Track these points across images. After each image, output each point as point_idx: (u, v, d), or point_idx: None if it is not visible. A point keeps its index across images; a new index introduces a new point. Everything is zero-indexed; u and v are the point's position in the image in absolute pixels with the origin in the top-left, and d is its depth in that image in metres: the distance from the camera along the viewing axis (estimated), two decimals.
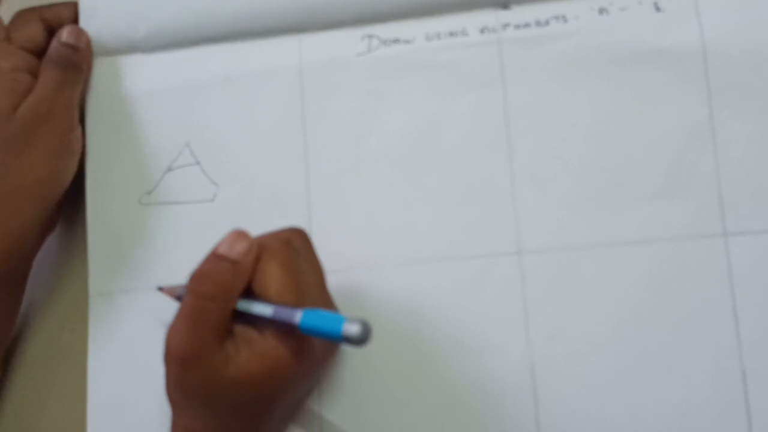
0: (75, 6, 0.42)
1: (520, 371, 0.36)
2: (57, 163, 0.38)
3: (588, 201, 0.36)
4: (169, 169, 0.40)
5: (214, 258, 0.32)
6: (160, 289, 0.37)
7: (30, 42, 0.40)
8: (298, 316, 0.30)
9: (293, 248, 0.33)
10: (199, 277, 0.32)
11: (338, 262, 0.37)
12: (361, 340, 0.28)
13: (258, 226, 0.34)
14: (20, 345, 0.42)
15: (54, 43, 0.39)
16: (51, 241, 0.42)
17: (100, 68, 0.41)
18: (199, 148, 0.40)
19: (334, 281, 0.36)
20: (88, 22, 0.41)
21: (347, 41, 0.40)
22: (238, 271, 0.32)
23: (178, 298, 0.36)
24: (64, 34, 0.39)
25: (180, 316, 0.32)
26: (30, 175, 0.38)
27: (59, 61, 0.39)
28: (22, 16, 0.41)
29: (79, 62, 0.39)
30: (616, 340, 0.35)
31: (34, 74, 0.39)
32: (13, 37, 0.40)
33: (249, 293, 0.32)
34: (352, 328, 0.28)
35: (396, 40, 0.39)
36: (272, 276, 0.32)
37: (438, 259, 0.37)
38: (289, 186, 0.39)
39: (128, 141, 0.41)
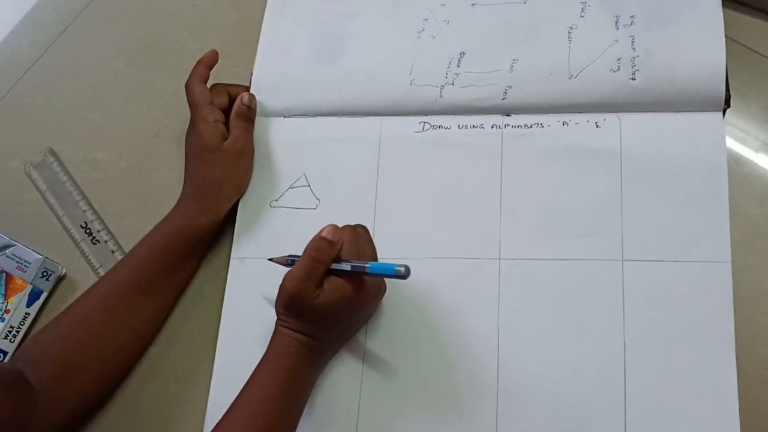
0: (247, 88, 0.68)
1: (490, 331, 0.58)
2: (248, 175, 0.65)
3: (545, 232, 0.60)
4: (291, 187, 0.65)
5: (321, 239, 0.54)
6: (271, 259, 0.61)
7: (221, 105, 0.66)
8: (368, 266, 0.53)
9: (357, 233, 0.57)
10: (314, 248, 0.54)
11: (387, 252, 0.60)
12: (405, 275, 0.51)
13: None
14: None
15: (238, 102, 0.65)
16: None
17: (259, 124, 0.67)
18: (311, 176, 0.65)
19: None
20: (255, 93, 0.68)
21: (410, 124, 0.65)
22: (334, 247, 0.54)
23: (287, 264, 0.59)
24: (245, 98, 0.65)
25: (298, 269, 0.53)
26: (236, 182, 0.64)
27: (243, 116, 0.65)
28: (217, 87, 0.67)
29: (253, 117, 0.66)
30: (551, 316, 0.57)
31: (225, 124, 0.64)
32: (212, 101, 0.66)
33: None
34: (401, 269, 0.51)
35: (440, 126, 0.64)
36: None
37: (450, 257, 0.60)
38: (363, 205, 0.63)
39: (268, 168, 0.66)
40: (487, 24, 0.66)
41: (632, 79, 0.61)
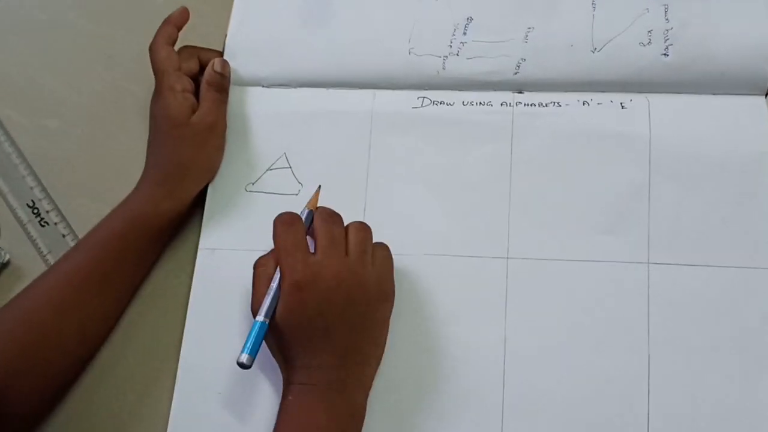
0: (220, 53, 0.60)
1: (495, 341, 0.51)
2: (219, 155, 0.56)
3: (558, 228, 0.53)
4: (270, 169, 0.57)
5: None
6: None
7: (190, 71, 0.57)
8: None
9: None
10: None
11: None
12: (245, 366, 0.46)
13: None
14: None
15: (209, 70, 0.56)
16: None
17: (233, 94, 0.59)
18: (292, 157, 0.57)
19: None
20: (230, 60, 0.59)
21: (407, 98, 0.57)
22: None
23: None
24: (217, 64, 0.57)
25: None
26: (206, 162, 0.55)
27: (215, 86, 0.56)
28: (185, 51, 0.59)
29: (227, 86, 0.57)
30: (564, 323, 0.51)
31: (194, 94, 0.56)
32: (180, 67, 0.57)
33: None
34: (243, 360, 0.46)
35: (441, 102, 0.56)
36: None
37: (451, 255, 0.53)
38: (353, 191, 0.55)
39: (243, 145, 0.58)
40: None
41: (664, 54, 0.53)
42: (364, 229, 0.50)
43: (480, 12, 0.57)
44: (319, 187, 0.55)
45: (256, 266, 0.50)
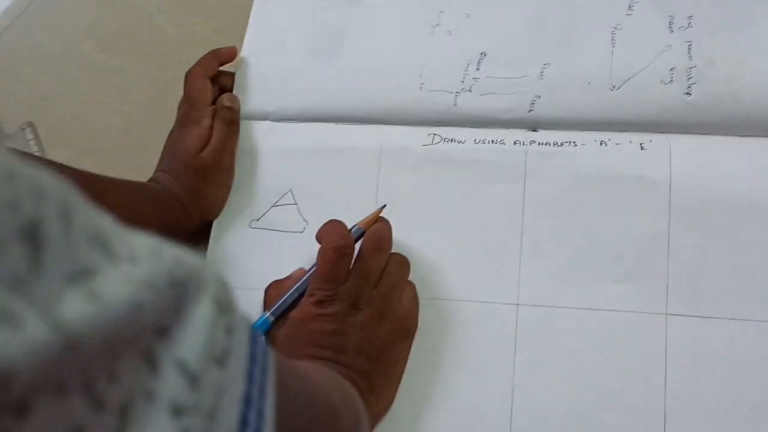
0: (234, 76, 0.59)
1: (503, 391, 0.48)
2: (224, 190, 0.55)
3: (572, 276, 0.50)
4: (275, 205, 0.56)
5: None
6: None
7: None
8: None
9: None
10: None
11: None
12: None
13: None
14: None
15: (219, 105, 0.56)
16: None
17: (241, 128, 0.58)
18: (298, 193, 0.56)
19: None
20: (239, 94, 0.58)
21: (417, 135, 0.55)
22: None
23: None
24: (226, 99, 0.56)
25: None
26: (210, 197, 0.54)
27: (223, 120, 0.55)
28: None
29: (236, 119, 0.56)
30: (576, 375, 0.48)
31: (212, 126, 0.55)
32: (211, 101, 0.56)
33: None
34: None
35: (452, 140, 0.54)
36: None
37: (458, 299, 0.51)
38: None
39: (249, 180, 0.57)
40: (515, 19, 0.56)
41: (687, 93, 0.50)
42: (402, 263, 0.50)
43: (494, 47, 0.55)
44: (384, 206, 0.52)
45: (268, 293, 0.50)
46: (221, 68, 0.59)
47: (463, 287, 0.51)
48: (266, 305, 0.50)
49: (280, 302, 0.49)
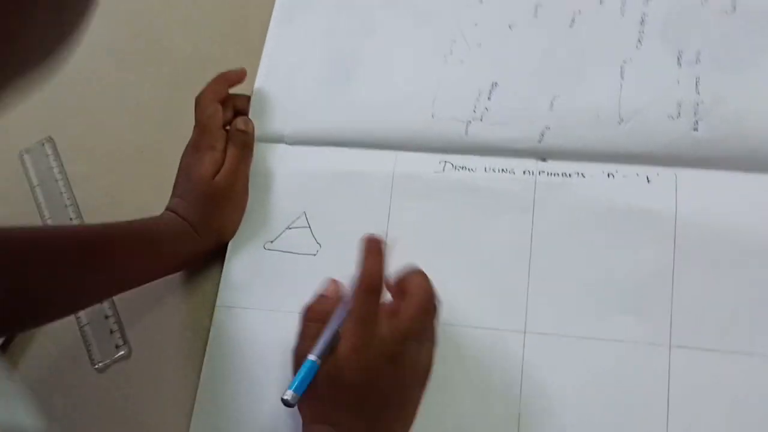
0: (249, 98, 0.60)
1: (509, 419, 0.50)
2: (238, 214, 0.57)
3: (577, 305, 0.51)
4: (289, 228, 0.57)
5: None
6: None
7: (225, 120, 0.58)
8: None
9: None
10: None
11: None
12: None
13: (343, 279, 0.49)
14: (147, 329, 0.58)
15: (232, 129, 0.57)
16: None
17: (255, 150, 0.59)
18: (312, 216, 0.57)
19: None
20: (255, 117, 0.59)
21: (429, 162, 0.56)
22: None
23: None
24: (239, 123, 0.57)
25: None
26: (224, 220, 0.55)
27: (237, 143, 0.56)
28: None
29: (249, 142, 0.57)
30: (580, 404, 0.49)
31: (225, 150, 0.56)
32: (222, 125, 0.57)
33: None
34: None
35: (463, 167, 0.56)
36: None
37: (466, 325, 0.52)
38: None
39: (264, 202, 0.58)
40: (526, 50, 0.57)
41: (694, 129, 0.51)
42: (432, 312, 0.49)
43: (505, 77, 0.56)
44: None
45: (306, 316, 0.48)
46: (234, 91, 0.60)
47: (471, 314, 0.52)
48: (304, 334, 0.48)
49: (323, 344, 0.45)
